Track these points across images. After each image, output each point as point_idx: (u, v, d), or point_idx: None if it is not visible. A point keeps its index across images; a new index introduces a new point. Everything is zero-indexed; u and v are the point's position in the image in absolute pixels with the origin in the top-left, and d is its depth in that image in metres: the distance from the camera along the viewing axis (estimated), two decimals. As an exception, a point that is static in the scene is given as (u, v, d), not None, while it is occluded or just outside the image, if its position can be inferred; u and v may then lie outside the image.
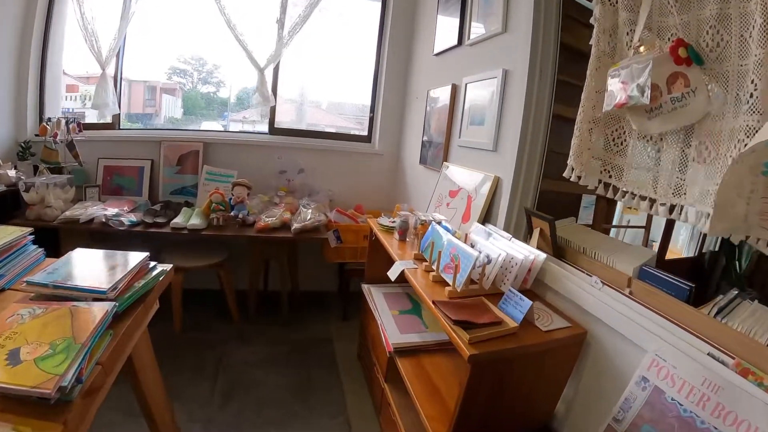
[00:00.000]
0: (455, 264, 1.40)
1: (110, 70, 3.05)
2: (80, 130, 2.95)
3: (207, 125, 3.34)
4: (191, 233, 2.51)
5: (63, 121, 2.87)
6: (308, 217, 2.59)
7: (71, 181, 2.89)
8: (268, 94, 3.00)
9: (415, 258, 1.75)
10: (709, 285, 2.10)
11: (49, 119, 2.86)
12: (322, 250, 2.95)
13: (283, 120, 3.37)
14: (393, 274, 1.65)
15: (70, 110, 3.31)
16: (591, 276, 1.38)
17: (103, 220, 2.49)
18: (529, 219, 1.64)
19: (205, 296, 3.09)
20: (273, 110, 3.22)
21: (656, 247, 2.22)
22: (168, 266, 1.40)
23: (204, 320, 2.91)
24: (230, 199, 2.62)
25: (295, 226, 2.54)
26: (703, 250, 2.27)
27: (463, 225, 1.94)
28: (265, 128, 3.31)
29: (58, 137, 2.83)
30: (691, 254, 2.33)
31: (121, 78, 3.19)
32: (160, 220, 2.59)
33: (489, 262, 1.42)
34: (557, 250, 1.55)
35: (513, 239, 1.59)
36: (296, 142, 3.24)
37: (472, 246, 1.51)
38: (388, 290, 2.27)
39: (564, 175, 1.41)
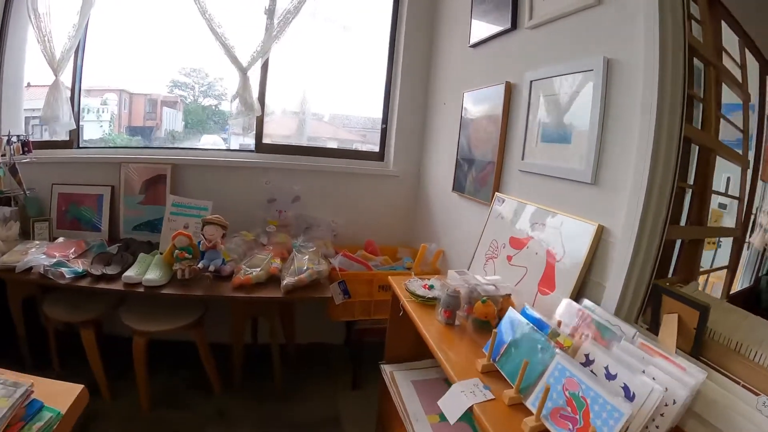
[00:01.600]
0: (580, 417, 0.72)
1: (66, 78, 2.50)
2: (28, 150, 2.38)
3: (207, 138, 3.00)
4: (148, 290, 1.88)
5: (4, 140, 2.30)
6: (304, 268, 1.92)
7: (15, 215, 2.33)
8: (251, 100, 2.34)
9: (482, 371, 1.05)
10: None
11: (-12, 139, 2.29)
12: (325, 305, 2.28)
13: (280, 133, 2.85)
14: (451, 412, 0.93)
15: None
16: (758, 395, 0.84)
17: (41, 271, 1.92)
18: (655, 297, 0.97)
19: (181, 351, 2.41)
20: (261, 122, 2.57)
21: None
22: (76, 387, 0.94)
23: (178, 390, 2.29)
24: (200, 242, 1.97)
25: (287, 281, 1.87)
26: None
27: (542, 297, 1.26)
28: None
29: (-3, 160, 2.25)
30: (746, 285, 1.74)
31: (80, 88, 2.62)
32: (110, 271, 1.98)
33: (630, 398, 0.77)
34: (698, 348, 0.96)
35: (638, 334, 0.95)
36: (290, 161, 2.58)
37: (588, 359, 0.83)
38: (420, 375, 1.61)
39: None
